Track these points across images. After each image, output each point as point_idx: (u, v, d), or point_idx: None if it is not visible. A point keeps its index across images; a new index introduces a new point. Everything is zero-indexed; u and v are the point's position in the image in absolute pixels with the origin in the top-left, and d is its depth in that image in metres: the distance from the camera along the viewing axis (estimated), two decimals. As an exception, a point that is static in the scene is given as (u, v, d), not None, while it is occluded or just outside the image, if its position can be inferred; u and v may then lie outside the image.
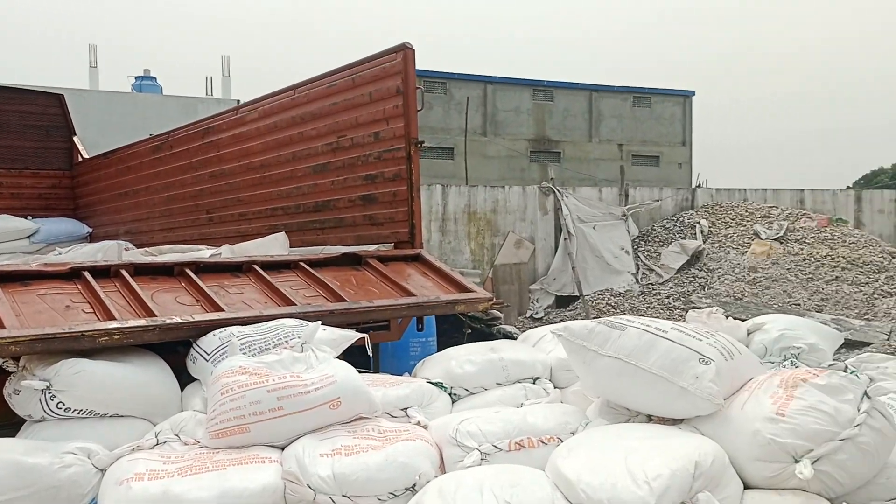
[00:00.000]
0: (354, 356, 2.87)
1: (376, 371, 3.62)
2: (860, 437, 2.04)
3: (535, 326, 11.55)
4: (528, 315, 12.71)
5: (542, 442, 2.32)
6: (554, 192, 13.40)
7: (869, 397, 2.14)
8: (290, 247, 4.99)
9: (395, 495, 2.17)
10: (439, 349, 6.60)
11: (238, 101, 16.47)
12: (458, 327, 8.28)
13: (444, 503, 1.96)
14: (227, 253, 4.74)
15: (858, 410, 2.09)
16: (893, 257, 12.82)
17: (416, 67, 4.47)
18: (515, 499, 1.94)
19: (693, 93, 29.36)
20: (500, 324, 9.62)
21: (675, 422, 2.34)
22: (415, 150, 4.43)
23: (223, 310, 3.09)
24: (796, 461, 2.01)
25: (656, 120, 28.78)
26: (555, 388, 2.90)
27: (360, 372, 2.59)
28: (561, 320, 9.59)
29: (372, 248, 4.42)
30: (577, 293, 12.62)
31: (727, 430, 2.17)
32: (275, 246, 4.90)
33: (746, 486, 2.07)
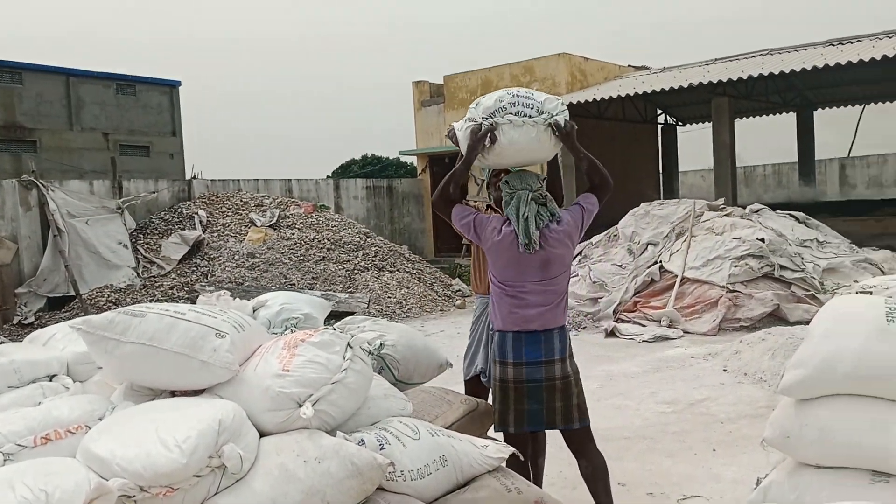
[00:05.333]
0: None
1: None
2: (347, 378, 2.56)
3: (28, 333, 10.57)
4: (15, 322, 11.54)
5: (70, 432, 2.38)
6: (38, 185, 12.32)
7: (351, 347, 2.70)
8: None
9: None
10: None
11: None
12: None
13: (-30, 508, 1.93)
14: None
15: (344, 358, 2.63)
16: (368, 237, 14.83)
17: None
18: (51, 486, 2.00)
19: (179, 82, 29.37)
20: (-16, 334, 8.64)
21: (196, 393, 2.61)
22: None
23: None
24: (300, 405, 2.45)
25: (143, 109, 28.13)
26: (74, 382, 2.92)
27: None
28: (57, 322, 8.98)
29: None
30: (72, 293, 11.87)
31: (244, 390, 2.51)
32: None
33: (263, 434, 2.45)
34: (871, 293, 2.91)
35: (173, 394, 2.64)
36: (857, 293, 2.93)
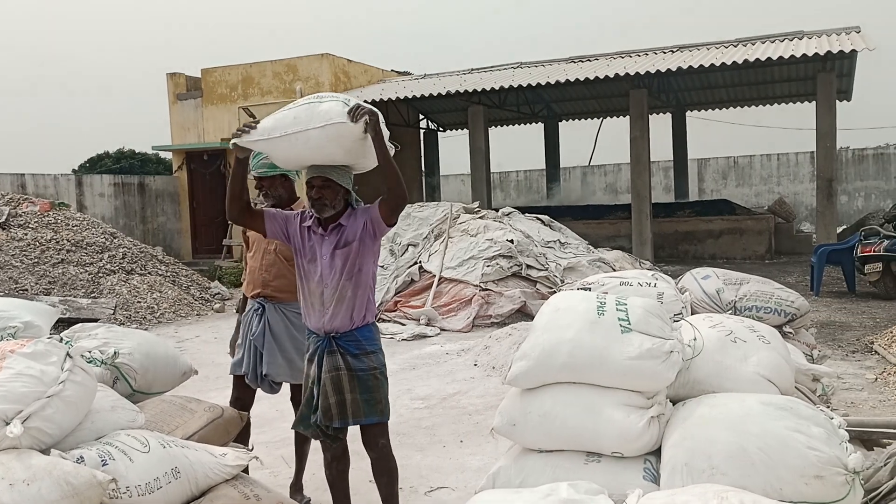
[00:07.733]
0: None
1: None
2: (64, 391, 2.35)
3: None
4: None
5: None
6: None
7: (71, 357, 2.48)
8: None
9: None
10: None
11: None
12: None
13: None
14: None
15: (62, 370, 2.41)
16: (115, 237, 13.80)
17: None
18: None
19: None
20: None
21: None
22: None
23: None
24: (7, 424, 2.20)
25: None
26: None
27: None
28: None
29: None
30: None
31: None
32: None
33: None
34: (589, 289, 3.20)
35: None
36: (577, 289, 3.21)
